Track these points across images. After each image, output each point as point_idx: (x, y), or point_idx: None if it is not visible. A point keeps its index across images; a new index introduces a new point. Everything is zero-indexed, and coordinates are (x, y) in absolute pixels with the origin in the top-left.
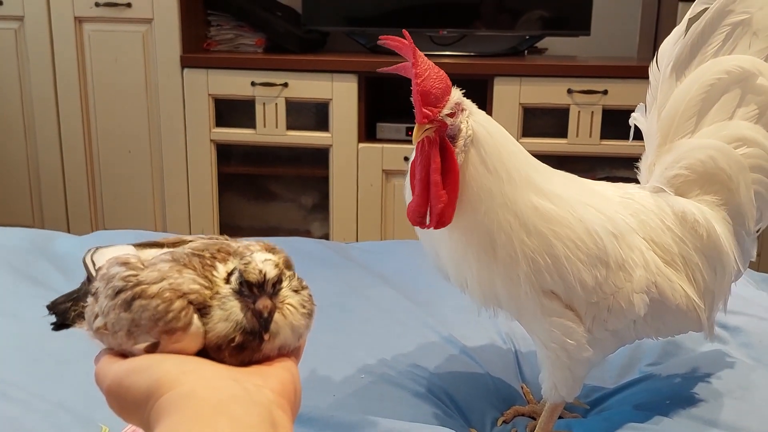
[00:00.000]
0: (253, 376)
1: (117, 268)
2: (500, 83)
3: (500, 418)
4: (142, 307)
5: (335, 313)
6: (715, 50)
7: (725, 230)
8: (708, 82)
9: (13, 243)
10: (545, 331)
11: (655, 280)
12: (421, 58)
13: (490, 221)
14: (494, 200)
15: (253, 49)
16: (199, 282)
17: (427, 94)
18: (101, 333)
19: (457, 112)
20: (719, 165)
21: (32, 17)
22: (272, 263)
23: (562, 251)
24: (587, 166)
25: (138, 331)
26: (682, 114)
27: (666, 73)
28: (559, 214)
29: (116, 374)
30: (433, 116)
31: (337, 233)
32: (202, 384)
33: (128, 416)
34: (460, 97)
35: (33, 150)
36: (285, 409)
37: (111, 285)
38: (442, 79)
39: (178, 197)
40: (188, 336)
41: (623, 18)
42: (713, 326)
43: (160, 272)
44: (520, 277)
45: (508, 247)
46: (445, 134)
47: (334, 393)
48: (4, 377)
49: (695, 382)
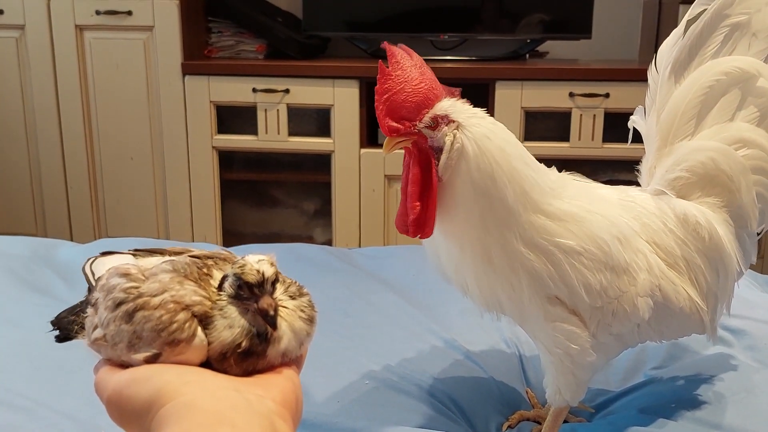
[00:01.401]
0: (254, 386)
1: (117, 279)
2: (502, 87)
3: (505, 423)
4: (144, 318)
5: (339, 319)
6: (714, 51)
7: (727, 232)
8: (707, 83)
9: (16, 252)
10: (549, 337)
11: (659, 284)
12: (391, 73)
13: (484, 234)
14: (485, 216)
15: (254, 55)
16: (200, 294)
17: (399, 108)
18: (99, 344)
19: (440, 124)
20: (720, 167)
21: (33, 26)
22: (267, 262)
23: (564, 259)
24: (590, 169)
25: (140, 343)
26: (682, 116)
27: (665, 75)
28: (559, 229)
29: (117, 384)
30: (404, 129)
31: (340, 239)
32: (203, 394)
33: (129, 426)
34: (448, 109)
35: (35, 158)
36: (286, 419)
37: (111, 296)
38: (420, 91)
39: (180, 204)
40: (191, 348)
41: (624, 21)
42: (716, 328)
43: (162, 284)
44: (522, 283)
45: (504, 258)
46: (427, 146)
47: (338, 399)
48: (7, 386)
49: (700, 385)
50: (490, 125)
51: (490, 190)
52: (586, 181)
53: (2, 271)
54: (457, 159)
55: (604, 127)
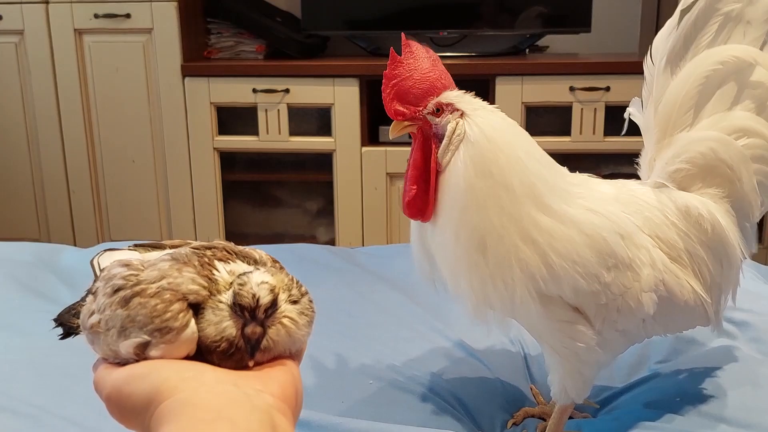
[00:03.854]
0: (253, 380)
1: (118, 269)
2: (502, 83)
3: (510, 420)
4: (140, 304)
5: (342, 319)
6: (709, 41)
7: (729, 222)
8: (703, 73)
9: (19, 258)
10: (554, 337)
11: (662, 278)
12: (402, 60)
13: (482, 220)
14: (486, 202)
15: (254, 55)
16: (198, 282)
17: (406, 93)
18: (94, 331)
19: (445, 111)
20: (720, 157)
21: (32, 31)
22: (268, 288)
23: (558, 261)
24: (591, 163)
25: (132, 327)
26: (680, 107)
27: (660, 66)
28: (560, 228)
29: (115, 381)
30: (409, 114)
31: (343, 238)
32: (202, 390)
33: (128, 423)
34: (454, 99)
35: (37, 163)
36: (285, 413)
37: (111, 283)
38: (428, 79)
39: (182, 206)
40: (181, 339)
41: (624, 14)
42: (721, 320)
43: (160, 271)
44: (514, 280)
45: (498, 249)
46: (431, 132)
47: (343, 399)
48: (11, 392)
49: (705, 379)
50: (498, 118)
51: (494, 175)
52: (587, 176)
53: (6, 278)
54: (458, 145)
55: (605, 120)
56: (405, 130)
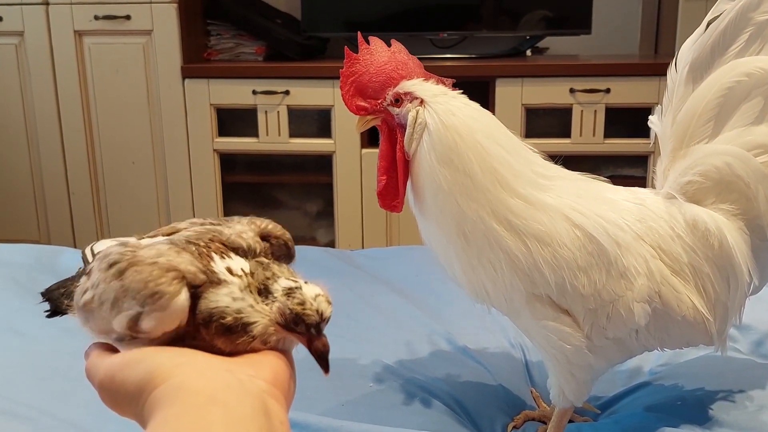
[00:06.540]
0: (246, 366)
1: (115, 248)
2: (502, 84)
3: (510, 424)
4: (135, 271)
5: (342, 322)
6: (738, 51)
7: (740, 240)
8: (727, 84)
9: (19, 260)
10: (541, 335)
11: (658, 290)
12: (358, 57)
13: (454, 207)
14: (452, 189)
15: (254, 57)
16: (195, 265)
17: (365, 88)
18: (88, 308)
19: (404, 101)
20: (736, 172)
21: (32, 32)
22: (324, 299)
23: (538, 248)
24: (591, 165)
25: (124, 297)
26: (699, 118)
27: (683, 74)
28: (533, 213)
29: (108, 368)
30: (371, 108)
31: (343, 239)
32: (195, 375)
33: (121, 410)
34: (411, 87)
35: (37, 164)
36: (278, 399)
37: (106, 260)
38: (384, 71)
39: (182, 207)
40: (172, 306)
41: (624, 15)
42: (726, 340)
43: (159, 251)
44: (501, 263)
45: (478, 233)
46: (394, 123)
47: (343, 402)
48: (12, 396)
49: (706, 382)
50: (458, 103)
51: (453, 162)
52: (591, 179)
53: (6, 280)
54: (421, 134)
55: (605, 122)
56: (369, 124)
